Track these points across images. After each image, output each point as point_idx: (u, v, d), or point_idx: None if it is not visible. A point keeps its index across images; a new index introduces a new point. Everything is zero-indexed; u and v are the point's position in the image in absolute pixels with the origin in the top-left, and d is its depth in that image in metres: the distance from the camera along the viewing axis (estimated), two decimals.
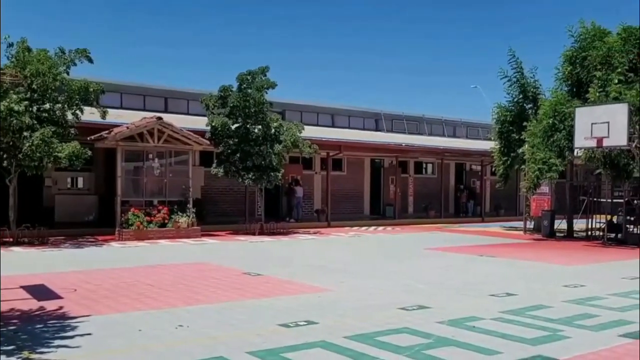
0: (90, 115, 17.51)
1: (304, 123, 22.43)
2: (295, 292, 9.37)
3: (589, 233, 20.27)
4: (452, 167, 31.94)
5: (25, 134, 15.28)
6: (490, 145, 24.76)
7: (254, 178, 19.55)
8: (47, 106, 16.36)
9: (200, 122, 20.55)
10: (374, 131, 33.34)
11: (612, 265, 13.51)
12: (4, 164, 16.02)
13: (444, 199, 29.35)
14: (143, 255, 14.39)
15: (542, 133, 18.64)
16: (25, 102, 15.32)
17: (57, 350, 5.92)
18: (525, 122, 20.67)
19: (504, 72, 22.23)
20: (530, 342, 6.35)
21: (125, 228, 17.74)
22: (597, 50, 18.47)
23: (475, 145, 30.91)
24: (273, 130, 19.96)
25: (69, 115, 16.66)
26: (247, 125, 19.67)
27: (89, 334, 6.53)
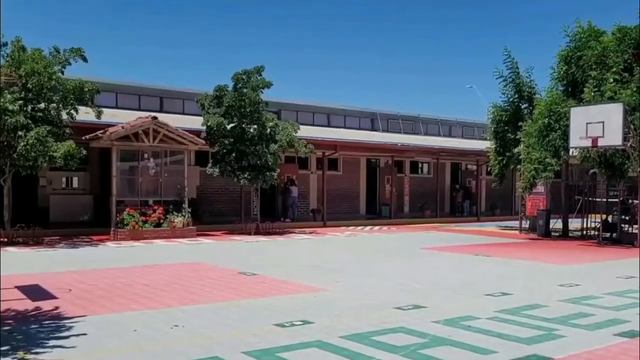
0: (85, 114, 17.47)
1: (300, 123, 22.45)
2: (291, 292, 9.37)
3: (584, 232, 20.34)
4: (448, 167, 31.99)
5: (20, 133, 15.22)
6: (485, 144, 24.78)
7: (249, 178, 19.53)
8: (42, 106, 16.31)
9: (196, 122, 20.53)
10: (369, 131, 33.38)
11: (607, 265, 13.55)
12: None
13: (440, 198, 29.39)
14: (138, 255, 14.36)
15: (538, 133, 18.67)
16: (20, 102, 15.27)
17: (52, 350, 5.91)
18: (521, 121, 20.72)
19: (499, 72, 22.29)
20: (525, 342, 6.37)
21: (120, 228, 17.70)
22: (592, 50, 18.52)
23: (470, 145, 30.97)
24: (269, 129, 19.94)
25: (63, 115, 16.61)
26: (243, 125, 19.64)
27: (84, 334, 6.52)
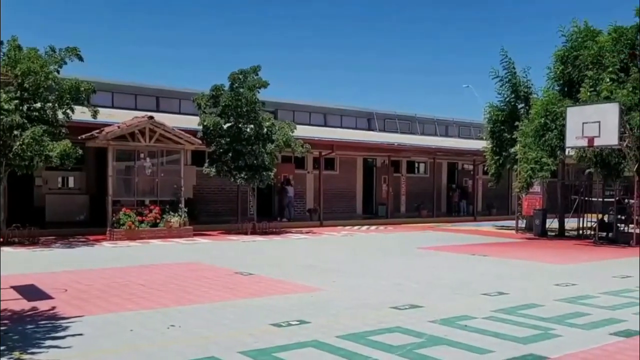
0: (81, 114, 17.41)
1: (297, 122, 22.43)
2: (288, 292, 9.36)
3: (580, 232, 20.38)
4: (445, 167, 32.01)
5: (15, 132, 15.18)
6: (482, 144, 24.83)
7: (246, 177, 19.51)
8: (38, 105, 16.26)
9: (192, 122, 20.51)
10: (366, 130, 33.39)
11: (603, 264, 13.58)
12: None
13: (436, 198, 29.40)
14: (135, 255, 14.33)
15: (534, 132, 18.70)
16: (16, 101, 15.22)
17: (49, 350, 5.89)
18: (517, 121, 20.77)
19: (495, 72, 22.31)
20: (522, 341, 6.38)
21: (116, 228, 17.67)
22: (588, 49, 18.55)
23: (467, 145, 31.01)
24: (265, 129, 19.93)
25: (59, 115, 16.56)
26: (239, 125, 19.62)
27: (80, 334, 6.50)
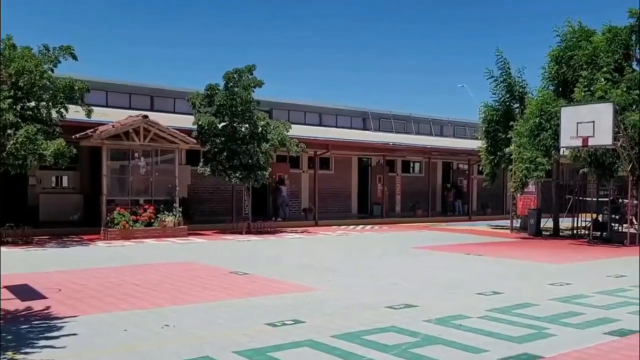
0: (75, 113, 17.34)
1: (292, 122, 22.43)
2: (283, 291, 9.35)
3: (575, 231, 20.42)
4: (440, 166, 32.06)
5: (9, 131, 15.09)
6: (477, 144, 24.86)
7: (241, 177, 19.48)
8: (32, 104, 16.17)
9: (187, 121, 20.44)
10: (361, 130, 33.40)
11: (597, 264, 13.63)
12: None
13: (431, 197, 29.45)
14: (129, 254, 14.28)
15: (529, 132, 18.74)
16: (9, 100, 15.14)
17: (42, 350, 5.86)
18: (512, 121, 20.82)
19: (490, 72, 22.35)
20: (516, 340, 6.38)
21: (110, 227, 17.61)
22: (583, 50, 18.62)
23: (462, 144, 31.07)
24: (260, 129, 19.90)
25: (53, 114, 16.49)
26: (234, 124, 19.58)
27: (74, 334, 6.47)
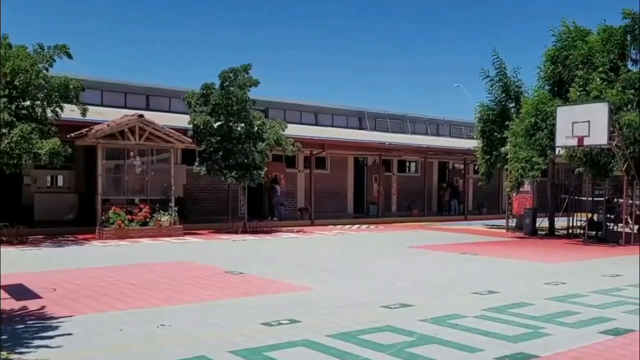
0: (70, 112, 17.28)
1: (287, 121, 22.38)
2: (278, 291, 9.34)
3: (570, 231, 20.48)
4: (435, 166, 32.07)
5: (4, 130, 15.03)
6: (473, 143, 24.90)
7: (236, 176, 19.45)
8: (27, 103, 16.11)
9: (183, 120, 20.41)
10: (357, 129, 33.35)
11: (592, 263, 13.67)
12: None
13: (427, 197, 29.48)
14: (124, 254, 14.26)
15: (525, 132, 18.78)
16: (4, 99, 15.08)
17: (37, 350, 5.85)
18: (508, 120, 20.84)
19: (485, 72, 22.38)
20: (511, 340, 6.39)
21: (106, 227, 17.57)
22: (578, 49, 18.66)
23: (458, 144, 31.08)
24: (256, 128, 19.88)
25: (48, 113, 16.42)
26: (230, 123, 19.55)
27: (69, 334, 6.46)
